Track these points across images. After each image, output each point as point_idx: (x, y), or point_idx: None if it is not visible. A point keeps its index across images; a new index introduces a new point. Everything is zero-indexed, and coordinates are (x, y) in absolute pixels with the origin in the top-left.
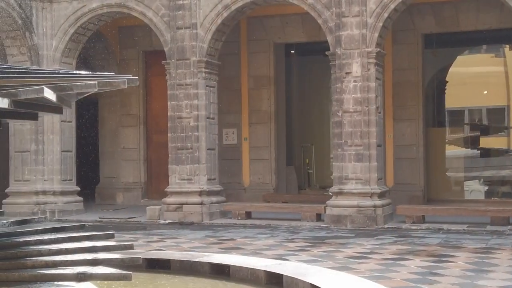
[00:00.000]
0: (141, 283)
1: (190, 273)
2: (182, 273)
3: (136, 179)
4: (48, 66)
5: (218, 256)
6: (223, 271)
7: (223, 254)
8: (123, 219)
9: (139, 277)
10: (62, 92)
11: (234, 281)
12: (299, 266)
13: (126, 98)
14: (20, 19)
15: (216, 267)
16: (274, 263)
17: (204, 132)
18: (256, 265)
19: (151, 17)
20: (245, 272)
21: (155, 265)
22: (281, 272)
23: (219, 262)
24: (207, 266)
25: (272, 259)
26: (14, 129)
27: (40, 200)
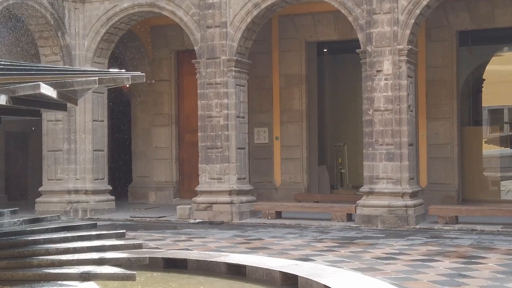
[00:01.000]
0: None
1: (207, 273)
2: (198, 273)
3: (168, 178)
4: (80, 65)
5: (235, 256)
6: (240, 271)
7: (241, 254)
8: (154, 218)
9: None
10: (63, 88)
11: (250, 281)
12: (315, 267)
13: (158, 97)
14: (53, 19)
15: (233, 267)
16: (290, 263)
17: (234, 131)
18: (272, 266)
19: (181, 16)
20: (261, 273)
21: (173, 265)
22: (296, 273)
23: (235, 262)
24: (223, 266)
25: (288, 260)
26: (47, 128)
27: (72, 199)
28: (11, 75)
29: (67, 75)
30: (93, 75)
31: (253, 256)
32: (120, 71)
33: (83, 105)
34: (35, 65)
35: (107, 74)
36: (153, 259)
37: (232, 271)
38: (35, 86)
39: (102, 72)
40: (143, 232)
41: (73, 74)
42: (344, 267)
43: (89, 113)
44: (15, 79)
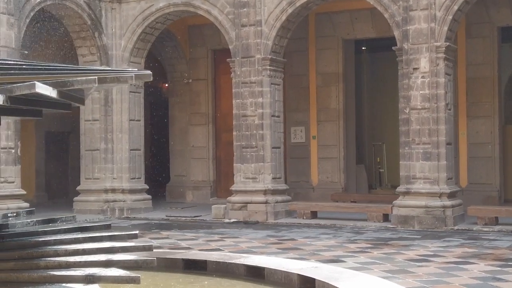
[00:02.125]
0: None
1: (226, 274)
2: (218, 274)
3: (205, 177)
4: (117, 65)
5: (255, 258)
6: (259, 273)
7: (261, 256)
8: (189, 218)
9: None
10: (64, 88)
11: (268, 284)
12: (334, 270)
13: (195, 96)
14: (90, 19)
15: (252, 269)
16: (309, 266)
17: (269, 131)
18: (290, 268)
19: (216, 15)
20: (279, 275)
21: (193, 266)
22: (313, 276)
23: (254, 264)
24: (242, 268)
25: (308, 262)
26: (85, 128)
27: (109, 198)
28: (6, 74)
29: (65, 74)
30: (93, 74)
31: (273, 258)
32: (124, 69)
33: (120, 105)
34: (34, 63)
35: (107, 73)
36: (173, 260)
37: (252, 273)
38: (31, 85)
39: (103, 71)
40: (177, 231)
41: (72, 72)
42: (374, 269)
43: (125, 112)
44: (11, 79)
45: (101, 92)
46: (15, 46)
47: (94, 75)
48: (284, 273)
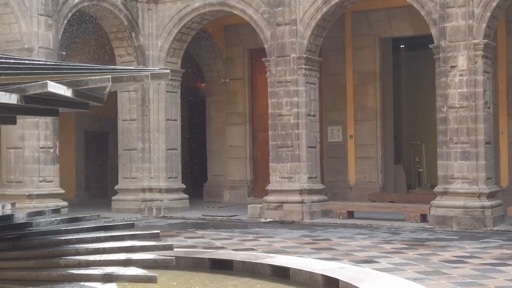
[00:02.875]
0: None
1: (252, 274)
2: (243, 274)
3: (242, 177)
4: (153, 65)
5: (281, 258)
6: (285, 273)
7: (287, 256)
8: (225, 217)
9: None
10: (79, 87)
11: (293, 284)
12: (360, 271)
13: (232, 96)
14: (127, 20)
15: (278, 270)
16: (334, 266)
17: (305, 130)
18: (315, 269)
19: (251, 15)
20: (304, 276)
21: (219, 266)
22: (337, 276)
23: (279, 264)
24: (268, 268)
25: (334, 262)
26: (122, 127)
27: (146, 197)
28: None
29: (79, 73)
30: (108, 73)
31: (299, 258)
32: (140, 68)
33: (157, 104)
34: (48, 62)
35: (123, 72)
36: (200, 259)
37: (277, 273)
38: (43, 84)
39: (118, 70)
40: (212, 231)
41: (87, 72)
42: (407, 270)
43: (162, 112)
44: (24, 79)
45: (138, 92)
46: (53, 47)
47: (109, 74)
48: (309, 274)
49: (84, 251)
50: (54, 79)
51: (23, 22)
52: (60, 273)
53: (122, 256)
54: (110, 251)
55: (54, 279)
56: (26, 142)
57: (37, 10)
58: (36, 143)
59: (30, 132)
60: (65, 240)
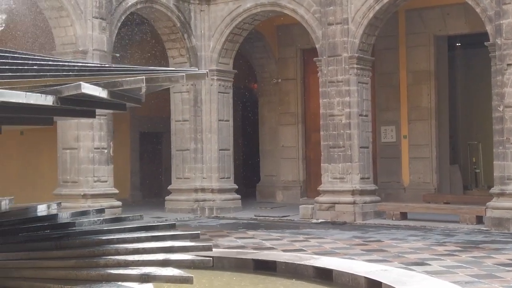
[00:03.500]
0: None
1: (295, 276)
2: (287, 275)
3: (295, 177)
4: (205, 66)
5: (324, 259)
6: (328, 275)
7: (330, 258)
8: (277, 218)
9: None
10: (114, 88)
11: (336, 286)
12: (404, 273)
13: (285, 96)
14: (179, 22)
15: (321, 271)
16: (378, 269)
17: (357, 130)
18: (358, 271)
19: (302, 14)
20: (347, 278)
21: (263, 267)
22: (380, 279)
23: (322, 266)
24: (311, 269)
25: (378, 265)
26: (175, 128)
27: (199, 197)
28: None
29: (114, 75)
30: (144, 74)
31: (342, 259)
32: (176, 69)
33: (209, 105)
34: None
35: (158, 73)
36: (244, 260)
37: (320, 274)
38: (77, 86)
39: (154, 71)
40: (263, 231)
41: (122, 73)
42: (459, 273)
43: (214, 113)
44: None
45: (191, 93)
46: (106, 49)
47: (143, 75)
48: (352, 276)
49: (124, 251)
50: (88, 81)
51: (78, 25)
52: (99, 272)
53: (160, 257)
54: (149, 251)
55: (93, 278)
56: (81, 143)
57: (91, 13)
58: (91, 143)
59: (85, 133)
60: (106, 240)
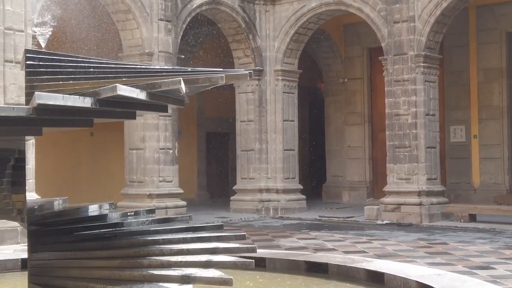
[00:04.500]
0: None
1: (346, 278)
2: (338, 278)
3: (362, 178)
4: (270, 67)
5: (377, 262)
6: (380, 278)
7: (384, 261)
8: (342, 218)
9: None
10: (153, 89)
11: None
12: (458, 278)
13: (351, 96)
14: (244, 22)
15: (373, 274)
16: (432, 273)
17: (423, 130)
18: (410, 275)
19: (368, 13)
20: (399, 282)
21: (315, 269)
22: (432, 284)
23: (373, 269)
24: (362, 272)
25: (433, 269)
26: (240, 128)
27: (263, 198)
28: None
29: (151, 76)
30: (182, 75)
31: (395, 263)
32: (215, 70)
33: (274, 105)
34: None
35: (197, 74)
36: (296, 262)
37: (372, 278)
38: (113, 88)
39: (193, 72)
40: (326, 232)
41: (160, 74)
42: None
43: (279, 113)
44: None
45: (255, 93)
46: (172, 51)
47: (184, 76)
48: (403, 280)
49: (169, 251)
50: (125, 83)
51: (144, 28)
52: (141, 273)
53: (203, 258)
54: (193, 252)
55: (136, 279)
56: (147, 143)
57: (157, 16)
58: (156, 144)
59: (150, 134)
60: (152, 240)
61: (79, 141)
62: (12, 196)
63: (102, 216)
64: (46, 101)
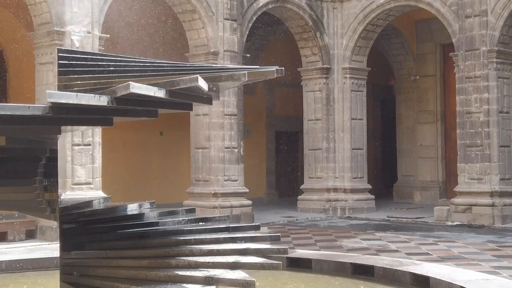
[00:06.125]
0: None
1: (392, 282)
2: (383, 281)
3: (434, 177)
4: (338, 65)
5: (425, 265)
6: (426, 283)
7: (432, 264)
8: (410, 219)
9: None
10: (172, 87)
11: None
12: (505, 284)
13: (423, 94)
14: (311, 20)
15: (419, 278)
16: (479, 278)
17: (496, 128)
18: (455, 279)
19: (438, 8)
20: (444, 286)
21: (361, 271)
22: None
23: (419, 272)
24: (408, 276)
25: (481, 273)
26: (308, 127)
27: (331, 197)
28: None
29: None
30: (202, 72)
31: (443, 266)
32: (239, 67)
33: (341, 104)
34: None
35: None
36: (342, 264)
37: (418, 282)
38: (126, 86)
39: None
40: (392, 233)
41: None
42: None
43: (347, 111)
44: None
45: (323, 92)
46: (237, 50)
47: (207, 74)
48: (448, 284)
49: (199, 252)
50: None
51: (209, 27)
52: (167, 273)
53: (231, 259)
54: (223, 253)
55: (161, 279)
56: (212, 142)
57: (222, 15)
58: (221, 143)
59: (216, 133)
60: (183, 240)
61: (149, 140)
62: (45, 194)
63: (138, 215)
64: (58, 100)
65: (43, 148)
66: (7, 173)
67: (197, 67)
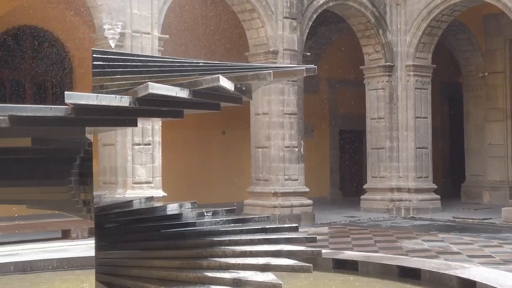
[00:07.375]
0: None
1: (438, 286)
2: (430, 284)
3: (504, 177)
4: (401, 62)
5: (473, 269)
6: (473, 287)
7: (483, 268)
8: (477, 220)
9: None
10: (195, 87)
11: None
12: None
13: (492, 91)
14: (373, 17)
15: (465, 282)
16: None
17: None
18: (503, 284)
19: (505, 2)
20: None
21: (408, 274)
22: None
23: (465, 276)
24: (455, 280)
25: None
26: (370, 126)
27: (394, 197)
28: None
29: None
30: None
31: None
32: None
33: (405, 102)
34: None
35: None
36: (388, 266)
37: (466, 286)
38: (145, 87)
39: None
40: (456, 234)
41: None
42: None
43: (411, 109)
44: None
45: (386, 90)
46: (297, 49)
47: (229, 74)
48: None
49: (231, 253)
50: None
51: (268, 26)
52: (196, 275)
53: (262, 261)
54: (256, 254)
55: (191, 280)
56: (272, 141)
57: (282, 14)
58: (281, 142)
59: (276, 132)
60: (217, 241)
61: (211, 139)
62: (81, 194)
63: (176, 215)
64: (77, 101)
65: (77, 148)
66: (42, 174)
67: (227, 66)
